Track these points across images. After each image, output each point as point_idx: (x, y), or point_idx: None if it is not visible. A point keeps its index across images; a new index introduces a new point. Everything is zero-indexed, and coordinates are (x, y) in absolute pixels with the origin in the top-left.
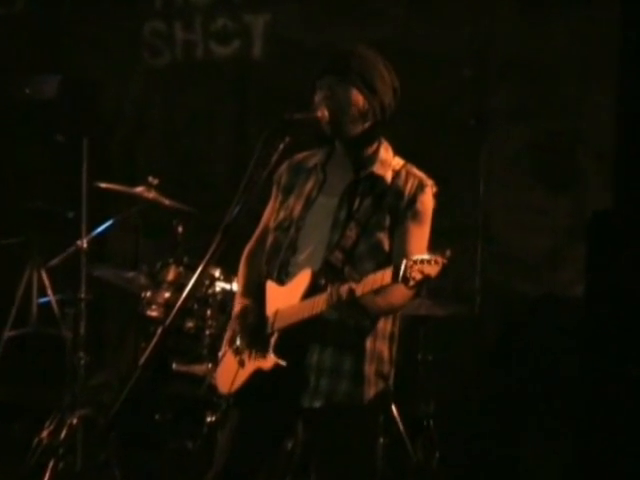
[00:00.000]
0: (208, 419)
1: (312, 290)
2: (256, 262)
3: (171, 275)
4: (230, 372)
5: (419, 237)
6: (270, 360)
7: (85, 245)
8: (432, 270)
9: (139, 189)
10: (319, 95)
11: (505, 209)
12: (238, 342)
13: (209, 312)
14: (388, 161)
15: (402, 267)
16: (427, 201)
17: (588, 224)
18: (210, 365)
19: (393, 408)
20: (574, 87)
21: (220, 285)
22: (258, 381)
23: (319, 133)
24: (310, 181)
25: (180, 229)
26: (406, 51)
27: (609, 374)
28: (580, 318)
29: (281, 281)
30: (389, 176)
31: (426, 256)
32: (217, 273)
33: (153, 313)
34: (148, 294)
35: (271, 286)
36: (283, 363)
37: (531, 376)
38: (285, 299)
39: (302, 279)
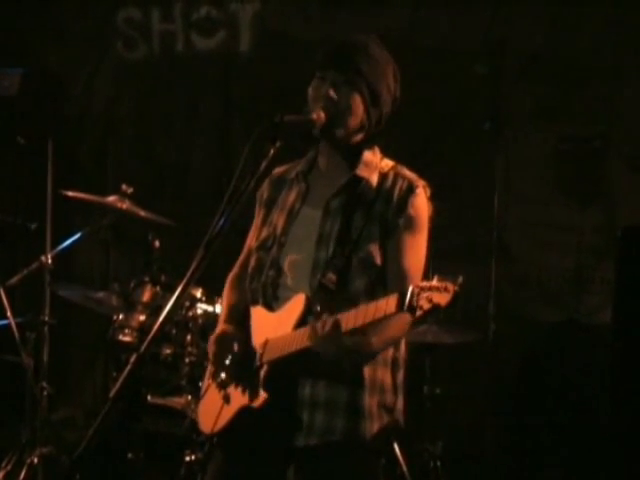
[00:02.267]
0: (187, 459)
1: (306, 318)
2: (242, 287)
3: (146, 296)
4: (213, 409)
5: (414, 248)
6: (262, 397)
7: (49, 261)
8: (442, 299)
9: (111, 198)
10: (317, 88)
11: (523, 224)
12: (223, 375)
13: (189, 338)
14: (374, 163)
15: (408, 294)
16: (420, 205)
17: (617, 241)
18: (190, 397)
19: (396, 447)
20: (606, 85)
21: (202, 307)
22: (245, 420)
23: (307, 133)
24: (292, 192)
25: (157, 244)
26: (411, 43)
27: None
28: (608, 348)
29: (270, 307)
30: (374, 179)
31: (435, 282)
32: (198, 294)
33: (126, 338)
34: (120, 317)
35: (259, 312)
36: (269, 399)
37: (552, 412)
38: (276, 327)
39: (295, 305)
